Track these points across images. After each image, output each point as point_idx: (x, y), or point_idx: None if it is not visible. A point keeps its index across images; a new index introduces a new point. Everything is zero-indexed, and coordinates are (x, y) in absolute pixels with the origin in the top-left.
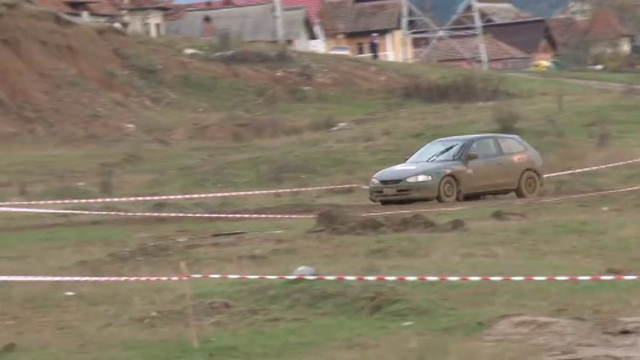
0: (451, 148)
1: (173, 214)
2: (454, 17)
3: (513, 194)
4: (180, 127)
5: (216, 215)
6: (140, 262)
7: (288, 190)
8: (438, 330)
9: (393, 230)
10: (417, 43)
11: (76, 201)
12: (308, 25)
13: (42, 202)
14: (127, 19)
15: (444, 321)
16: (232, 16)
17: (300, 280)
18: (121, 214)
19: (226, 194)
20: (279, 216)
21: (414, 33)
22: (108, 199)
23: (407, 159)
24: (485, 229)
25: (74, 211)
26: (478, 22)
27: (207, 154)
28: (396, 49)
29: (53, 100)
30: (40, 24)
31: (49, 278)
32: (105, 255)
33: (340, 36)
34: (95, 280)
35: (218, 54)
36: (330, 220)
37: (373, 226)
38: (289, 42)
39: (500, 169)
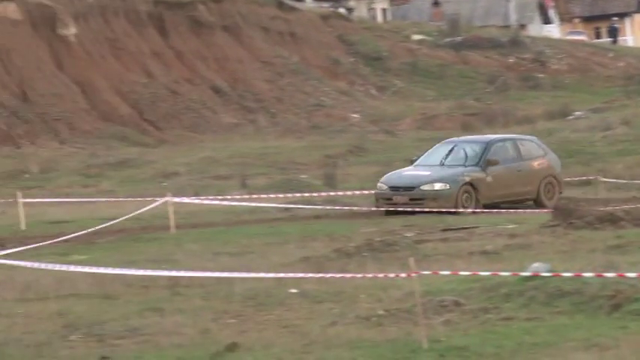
0: (467, 151)
1: (400, 208)
2: None
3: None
4: (407, 117)
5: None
6: (366, 258)
7: None
8: None
9: (633, 225)
10: None
11: (298, 194)
12: (542, 8)
13: (264, 196)
14: (352, 4)
15: None
16: (462, 0)
17: (534, 277)
18: (345, 208)
19: None
20: (511, 210)
21: None
22: (332, 193)
23: (414, 160)
24: None
25: (297, 205)
26: None
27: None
28: (635, 34)
29: (275, 89)
30: (262, 10)
31: (271, 275)
32: (329, 251)
33: (576, 20)
34: (320, 277)
35: (447, 40)
36: (565, 215)
37: (612, 220)
38: (522, 27)
39: (521, 177)
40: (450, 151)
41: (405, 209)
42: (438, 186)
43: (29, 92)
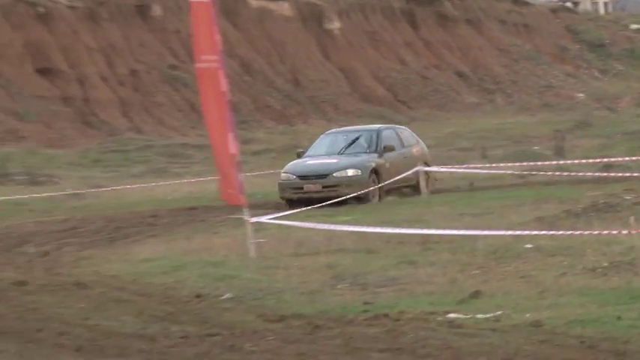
0: (357, 139)
1: (620, 174)
2: None
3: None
4: (626, 96)
5: None
6: (591, 218)
7: None
8: None
9: None
10: None
11: (531, 163)
12: None
13: (501, 165)
14: None
15: None
16: None
17: None
18: (573, 174)
19: None
20: None
21: None
22: (561, 162)
23: (300, 153)
24: None
25: (530, 172)
26: None
27: None
28: None
29: (511, 72)
30: (499, 5)
31: (510, 232)
32: (559, 211)
33: None
34: (552, 234)
35: None
36: None
37: None
38: None
39: (406, 163)
40: (339, 140)
41: (318, 196)
42: (350, 172)
43: (300, 79)
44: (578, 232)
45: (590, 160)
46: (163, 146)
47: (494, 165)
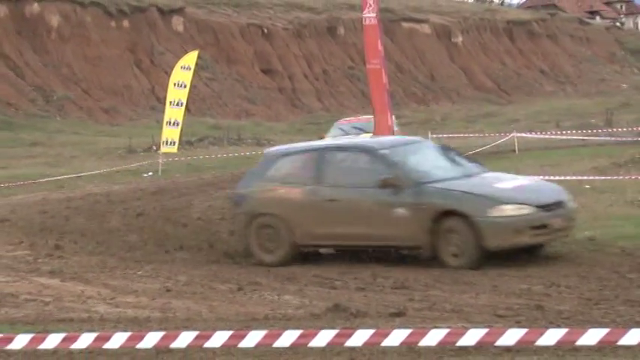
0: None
1: None
2: None
3: None
4: None
5: None
6: (630, 167)
7: None
8: None
9: None
10: None
11: (589, 131)
12: None
13: (568, 132)
14: (623, 19)
15: None
16: None
17: None
18: (617, 138)
19: None
20: None
21: None
22: (610, 130)
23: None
24: None
25: (589, 137)
26: None
27: None
28: None
29: (577, 70)
30: (570, 24)
31: (574, 177)
32: (608, 163)
33: None
34: (603, 179)
35: None
36: None
37: None
38: None
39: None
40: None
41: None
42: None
43: (434, 75)
44: (621, 177)
45: (631, 129)
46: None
47: (563, 132)
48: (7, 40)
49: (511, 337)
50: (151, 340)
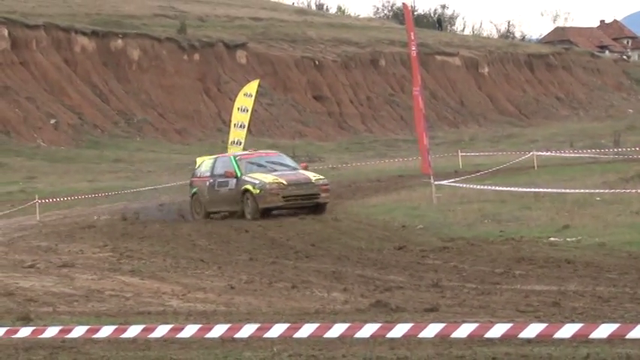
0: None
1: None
2: None
3: None
4: None
5: None
6: (636, 182)
7: None
8: None
9: None
10: None
11: (600, 150)
12: None
13: (581, 151)
14: (630, 53)
15: None
16: None
17: None
18: (625, 157)
19: None
20: None
21: None
22: (618, 149)
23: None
24: None
25: (599, 156)
26: None
27: None
28: None
29: (588, 97)
30: (583, 57)
31: (587, 191)
32: (616, 178)
33: None
34: (612, 192)
35: None
36: None
37: None
38: None
39: None
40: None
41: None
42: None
43: (464, 101)
44: (628, 190)
45: (635, 148)
46: (384, 140)
47: (576, 151)
48: (95, 71)
49: (532, 330)
50: (218, 331)
